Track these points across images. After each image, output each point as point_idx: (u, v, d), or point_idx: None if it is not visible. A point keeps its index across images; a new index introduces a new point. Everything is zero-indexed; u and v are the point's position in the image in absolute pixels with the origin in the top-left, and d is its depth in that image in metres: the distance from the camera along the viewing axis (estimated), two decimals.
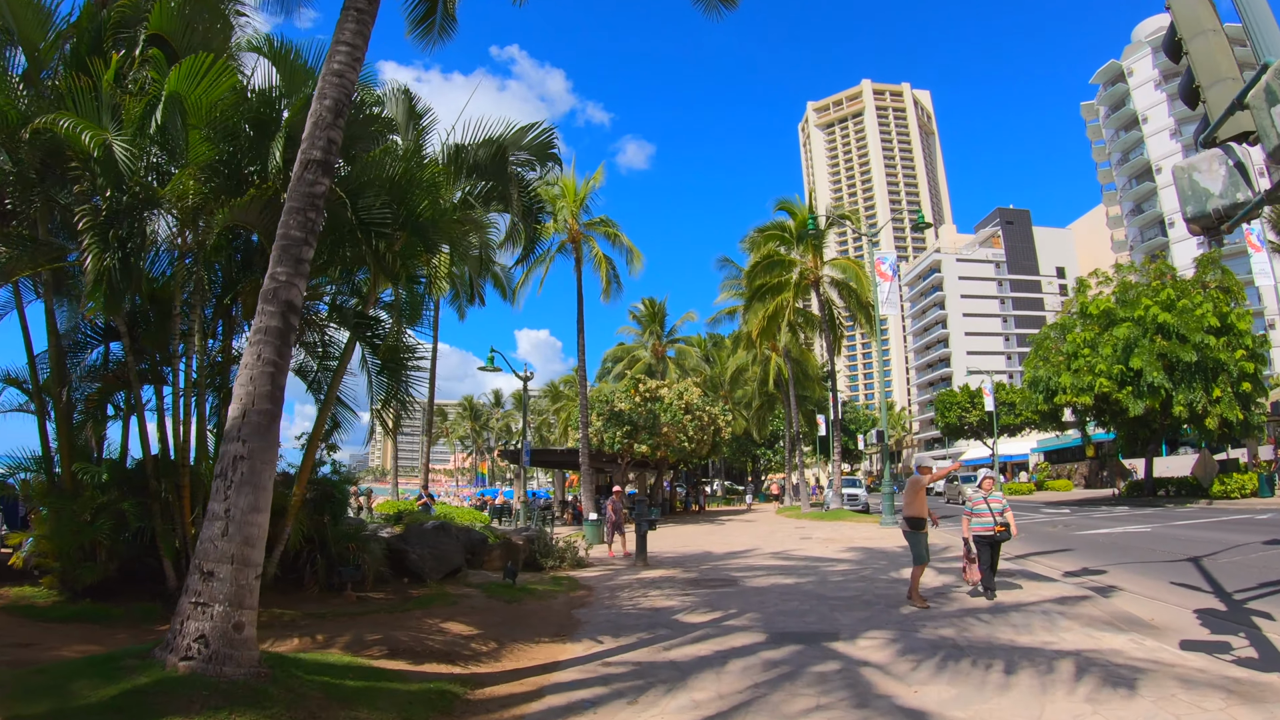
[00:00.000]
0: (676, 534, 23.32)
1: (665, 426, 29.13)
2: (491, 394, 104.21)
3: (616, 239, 27.04)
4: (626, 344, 52.22)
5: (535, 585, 11.21)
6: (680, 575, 12.15)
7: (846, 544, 17.45)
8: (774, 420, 58.54)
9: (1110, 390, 26.76)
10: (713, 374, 51.30)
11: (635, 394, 31.34)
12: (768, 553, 15.84)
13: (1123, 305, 28.96)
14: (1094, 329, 28.80)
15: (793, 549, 16.50)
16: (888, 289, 24.14)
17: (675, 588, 10.78)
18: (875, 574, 11.74)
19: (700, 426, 31.67)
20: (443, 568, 10.69)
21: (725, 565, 13.67)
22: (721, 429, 33.91)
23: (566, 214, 27.11)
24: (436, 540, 10.97)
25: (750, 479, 73.27)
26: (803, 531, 22.09)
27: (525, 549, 14.02)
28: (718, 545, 18.43)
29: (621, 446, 28.03)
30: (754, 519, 31.33)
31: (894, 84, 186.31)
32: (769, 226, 31.00)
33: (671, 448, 29.54)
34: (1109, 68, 73.05)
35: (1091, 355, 27.86)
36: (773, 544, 18.24)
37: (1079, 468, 58.74)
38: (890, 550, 15.46)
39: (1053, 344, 32.07)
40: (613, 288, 27.72)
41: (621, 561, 15.22)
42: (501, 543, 13.53)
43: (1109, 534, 17.84)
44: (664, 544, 19.44)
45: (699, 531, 24.30)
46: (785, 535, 20.86)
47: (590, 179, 27.75)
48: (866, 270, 28.53)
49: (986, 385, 54.21)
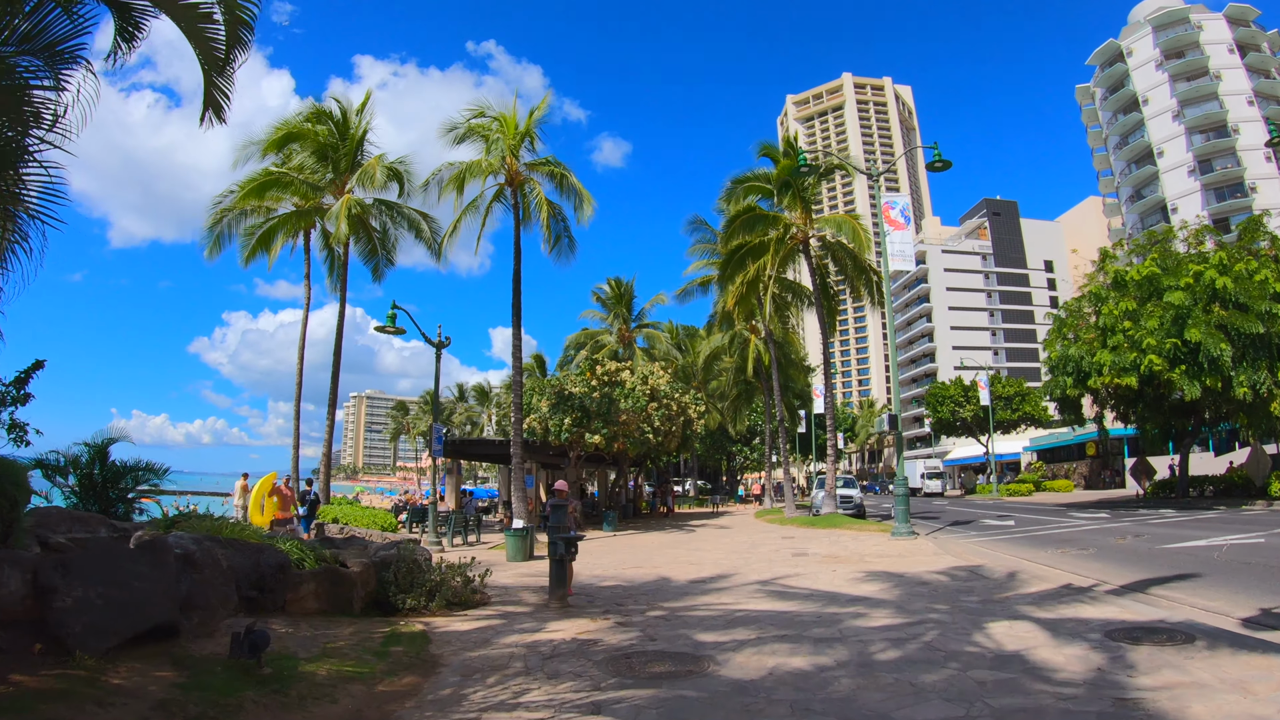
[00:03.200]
0: (633, 545, 18.21)
1: (624, 414, 24.03)
2: (455, 388, 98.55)
3: (564, 180, 21.88)
4: (591, 329, 47.09)
5: (323, 663, 6.03)
6: (608, 638, 7.02)
7: (859, 565, 12.48)
8: (751, 414, 53.71)
9: (1161, 369, 22.13)
10: (685, 363, 46.37)
11: (592, 376, 26.23)
12: (753, 582, 10.78)
13: (1167, 273, 24.42)
14: (1134, 299, 24.18)
15: (787, 574, 11.47)
16: (899, 238, 19.29)
17: (585, 679, 5.65)
18: (947, 634, 6.72)
19: (668, 416, 26.63)
20: (126, 625, 5.44)
21: (687, 611, 8.55)
22: (693, 420, 28.91)
23: (504, 150, 21.92)
24: (131, 570, 5.69)
25: (725, 478, 68.47)
26: (793, 543, 17.09)
27: (369, 579, 8.85)
28: (682, 565, 13.35)
29: (570, 436, 22.89)
30: (730, 524, 26.33)
31: (875, 78, 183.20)
32: (748, 176, 26.02)
33: (632, 439, 24.45)
34: (1107, 47, 69.44)
35: (1135, 329, 23.23)
36: (757, 564, 13.21)
37: (1078, 467, 54.69)
38: (929, 578, 10.50)
39: (1077, 320, 27.48)
40: (563, 245, 22.55)
41: (535, 597, 10.05)
42: (322, 571, 8.33)
43: (1208, 546, 13.07)
44: (611, 561, 14.31)
45: (662, 541, 19.21)
46: (772, 549, 15.85)
47: (535, 110, 22.58)
48: (866, 226, 23.62)
49: (982, 378, 49.92)
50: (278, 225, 23.76)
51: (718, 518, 31.59)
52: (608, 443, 23.36)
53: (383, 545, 11.08)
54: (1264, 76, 62.82)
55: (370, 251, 25.49)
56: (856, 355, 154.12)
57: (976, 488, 53.62)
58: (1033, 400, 53.43)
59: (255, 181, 23.25)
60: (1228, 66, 63.21)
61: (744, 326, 36.39)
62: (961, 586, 9.66)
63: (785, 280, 27.97)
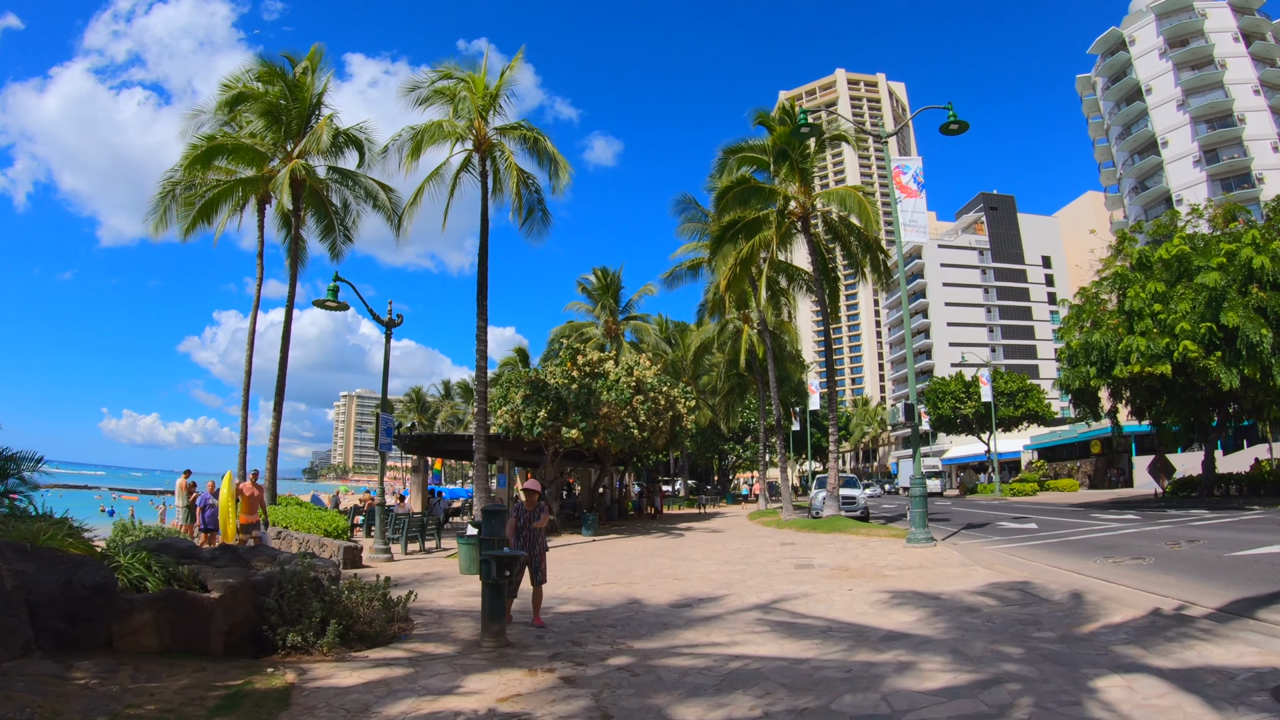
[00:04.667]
0: (611, 552, 15.97)
1: (605, 406, 21.78)
2: (442, 385, 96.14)
3: (537, 145, 19.62)
4: (576, 321, 44.87)
5: None
6: (541, 711, 4.76)
7: (878, 580, 10.29)
8: (744, 411, 51.56)
9: (1197, 356, 20.05)
10: (674, 357, 44.22)
11: (572, 367, 23.95)
12: (751, 606, 8.55)
13: (1198, 254, 22.39)
14: (1162, 281, 22.10)
15: (792, 594, 9.26)
16: (911, 206, 17.10)
17: None
18: (1046, 705, 4.49)
19: (655, 410, 24.39)
20: None
21: (665, 657, 6.29)
22: (682, 415, 26.67)
23: (472, 113, 19.65)
24: None
25: (716, 477, 66.29)
26: (794, 551, 14.87)
27: (239, 606, 6.60)
28: (664, 581, 11.11)
29: (544, 430, 20.61)
30: (722, 527, 24.12)
31: (869, 74, 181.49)
32: (741, 145, 23.78)
33: (614, 434, 22.18)
34: (1108, 36, 67.67)
35: (1165, 312, 21.16)
36: (755, 578, 10.98)
37: (1081, 466, 52.75)
38: (972, 601, 8.32)
39: (1095, 306, 25.40)
40: (536, 218, 20.29)
41: (470, 628, 7.76)
42: (163, 596, 6.07)
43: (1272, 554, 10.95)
44: (581, 574, 12.07)
45: (645, 548, 16.97)
46: (771, 558, 13.63)
47: (507, 68, 20.30)
48: (874, 200, 21.44)
49: (984, 374, 47.94)
50: (220, 194, 21.37)
51: (708, 519, 29.38)
52: (586, 438, 21.10)
53: (290, 557, 8.82)
54: (1269, 65, 61.16)
55: (327, 228, 23.16)
56: (850, 352, 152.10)
57: (977, 487, 51.63)
58: (1036, 396, 51.49)
59: (198, 149, 20.87)
60: (1232, 55, 61.54)
61: (736, 316, 34.21)
62: (1022, 614, 7.47)
63: (779, 262, 25.77)
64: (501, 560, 6.37)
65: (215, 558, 8.65)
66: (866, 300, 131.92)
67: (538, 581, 7.85)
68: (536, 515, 7.98)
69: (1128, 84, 65.96)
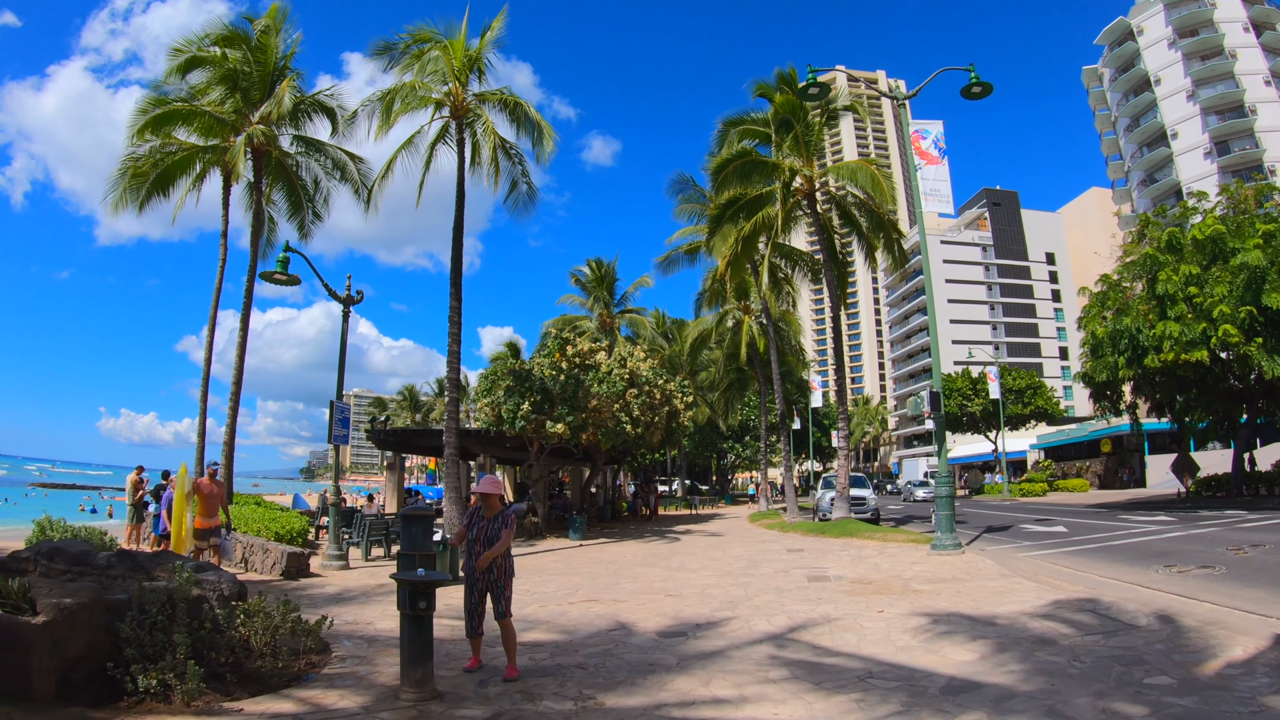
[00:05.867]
0: (598, 561, 14.22)
1: (595, 399, 20.05)
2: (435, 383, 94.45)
3: (519, 110, 17.87)
4: (570, 315, 43.07)
5: None
6: None
7: (909, 598, 8.58)
8: (744, 408, 49.82)
9: (1237, 340, 18.38)
10: (672, 352, 42.45)
11: (561, 358, 22.22)
12: (760, 637, 6.80)
13: (1233, 234, 20.73)
14: (1196, 264, 20.41)
15: (811, 618, 7.52)
16: (933, 174, 15.40)
17: None
18: None
19: (649, 405, 22.68)
20: None
21: None
22: (679, 411, 24.95)
23: (447, 74, 17.89)
24: None
25: (715, 477, 64.55)
26: (804, 559, 13.13)
27: (79, 635, 4.88)
28: (654, 599, 9.37)
29: (527, 424, 18.87)
30: (722, 530, 22.40)
31: (869, 71, 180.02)
32: (742, 118, 22.04)
33: (605, 430, 20.45)
34: (1116, 26, 66.07)
35: (1202, 296, 19.47)
36: (763, 595, 9.24)
37: (1090, 465, 51.06)
38: (1039, 628, 6.61)
39: (1118, 293, 23.70)
40: (520, 192, 18.55)
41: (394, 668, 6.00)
42: None
43: None
44: (558, 588, 10.31)
45: (636, 555, 15.21)
46: (778, 569, 11.89)
47: (488, 29, 18.51)
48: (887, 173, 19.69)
49: (992, 370, 46.27)
50: (176, 165, 19.58)
51: (706, 522, 27.64)
52: (574, 433, 19.35)
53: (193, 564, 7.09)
54: None
55: (295, 205, 21.37)
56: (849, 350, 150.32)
57: (984, 487, 49.88)
58: (1044, 394, 49.82)
59: (146, 112, 19.09)
60: (1243, 45, 59.98)
61: (736, 306, 32.46)
62: (1113, 648, 5.75)
63: (782, 246, 24.03)
64: (415, 586, 4.60)
65: (111, 565, 7.00)
66: (865, 298, 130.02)
67: (500, 614, 5.69)
68: (496, 526, 5.75)
69: (1136, 75, 64.35)
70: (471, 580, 5.68)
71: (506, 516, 5.75)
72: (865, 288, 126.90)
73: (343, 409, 13.11)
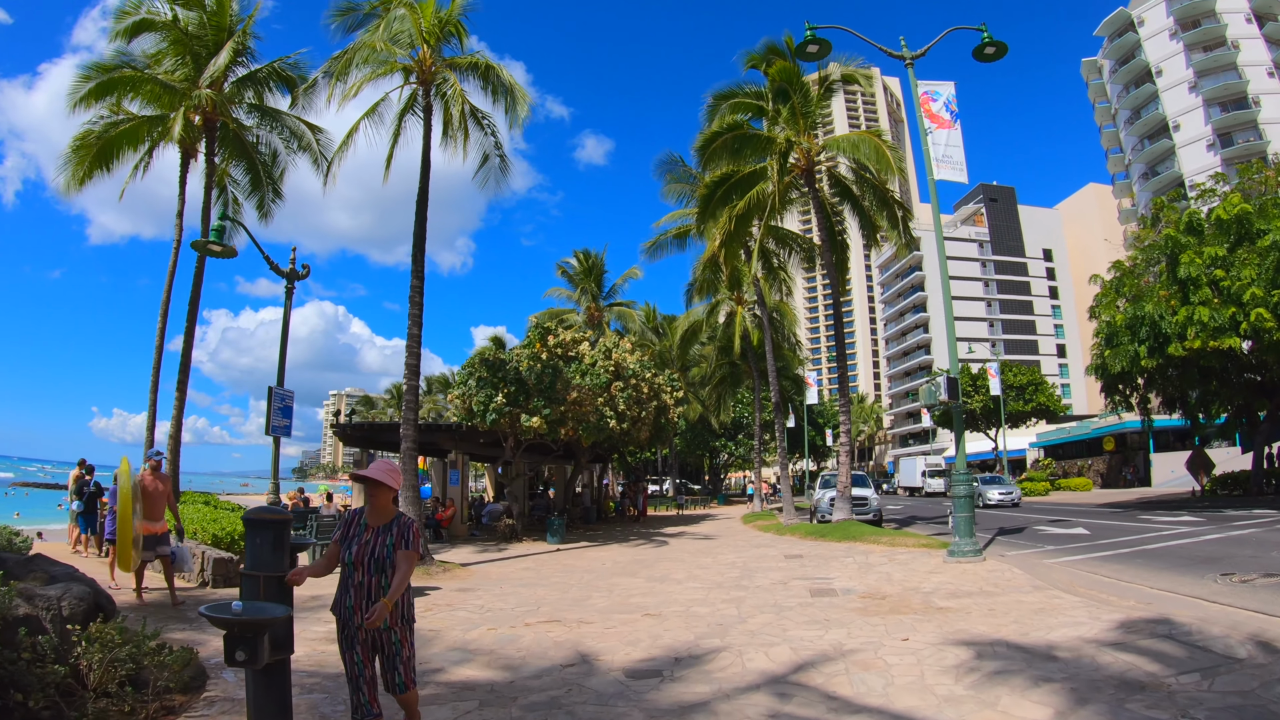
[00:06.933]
0: (572, 569, 12.67)
1: (575, 391, 18.52)
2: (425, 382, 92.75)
3: (490, 73, 16.31)
4: (557, 308, 41.55)
5: None
6: None
7: (934, 619, 7.07)
8: (737, 405, 48.34)
9: (1271, 326, 16.98)
10: (662, 348, 40.93)
11: (541, 348, 20.72)
12: (759, 682, 5.26)
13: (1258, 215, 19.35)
14: (1222, 245, 19.00)
15: (819, 650, 6.00)
16: (945, 139, 13.96)
17: None
18: None
19: (636, 399, 21.19)
20: None
21: None
22: (668, 406, 23.44)
23: (415, 37, 16.29)
24: None
25: (708, 476, 63.11)
26: (804, 567, 11.61)
27: None
28: (630, 621, 7.84)
29: (500, 418, 17.31)
30: (714, 533, 20.89)
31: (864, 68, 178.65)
32: (734, 90, 20.54)
33: (586, 424, 18.91)
34: (1116, 17, 64.86)
35: (1229, 279, 18.07)
36: (759, 616, 7.71)
37: (1092, 464, 49.78)
38: (1114, 663, 5.10)
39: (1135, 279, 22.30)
40: (492, 164, 16.96)
41: None
42: None
43: None
44: (518, 602, 8.75)
45: (617, 562, 13.68)
46: (776, 580, 10.37)
47: None
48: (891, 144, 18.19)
49: (992, 366, 44.95)
50: (122, 136, 17.95)
51: (697, 523, 26.13)
52: (551, 427, 17.80)
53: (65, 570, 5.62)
54: None
55: (254, 181, 19.78)
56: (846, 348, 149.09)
57: None
58: (1046, 390, 48.55)
59: (89, 78, 17.45)
60: (1246, 36, 58.84)
61: (728, 296, 30.96)
62: (1232, 698, 4.24)
63: (776, 228, 22.52)
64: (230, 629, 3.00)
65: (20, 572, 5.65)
66: (859, 295, 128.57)
67: (398, 686, 3.60)
68: (388, 542, 3.60)
69: (1137, 66, 63.16)
70: (348, 631, 3.54)
71: (406, 529, 3.65)
72: (859, 284, 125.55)
73: (282, 396, 11.53)
